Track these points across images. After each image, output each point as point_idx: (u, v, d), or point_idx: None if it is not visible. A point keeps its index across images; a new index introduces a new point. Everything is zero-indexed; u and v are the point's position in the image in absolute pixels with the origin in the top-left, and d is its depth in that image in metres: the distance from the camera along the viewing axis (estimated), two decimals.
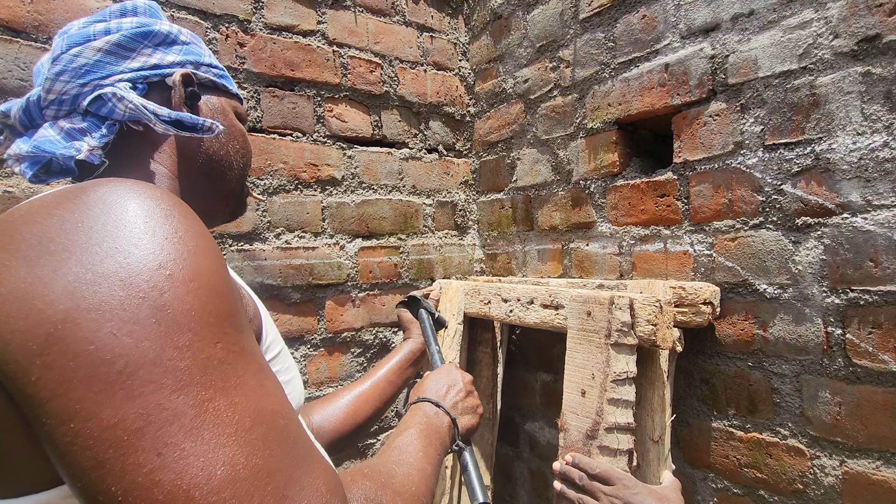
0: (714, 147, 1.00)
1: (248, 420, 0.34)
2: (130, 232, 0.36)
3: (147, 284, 0.34)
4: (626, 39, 1.15)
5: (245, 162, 0.66)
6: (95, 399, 0.31)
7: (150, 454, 0.31)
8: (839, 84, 0.82)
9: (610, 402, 0.90)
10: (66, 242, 0.34)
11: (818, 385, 0.86)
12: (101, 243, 0.35)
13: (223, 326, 0.37)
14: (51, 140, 0.50)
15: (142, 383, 0.32)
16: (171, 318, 0.34)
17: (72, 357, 0.31)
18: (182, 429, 0.32)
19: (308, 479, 0.36)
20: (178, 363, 0.33)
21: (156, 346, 0.33)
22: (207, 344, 0.35)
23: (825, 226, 0.84)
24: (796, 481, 0.89)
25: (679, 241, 1.06)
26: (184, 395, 0.32)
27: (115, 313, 0.32)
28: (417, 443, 0.64)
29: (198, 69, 0.60)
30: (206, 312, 0.36)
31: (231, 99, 0.66)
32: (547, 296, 1.09)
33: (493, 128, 1.54)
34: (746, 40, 0.94)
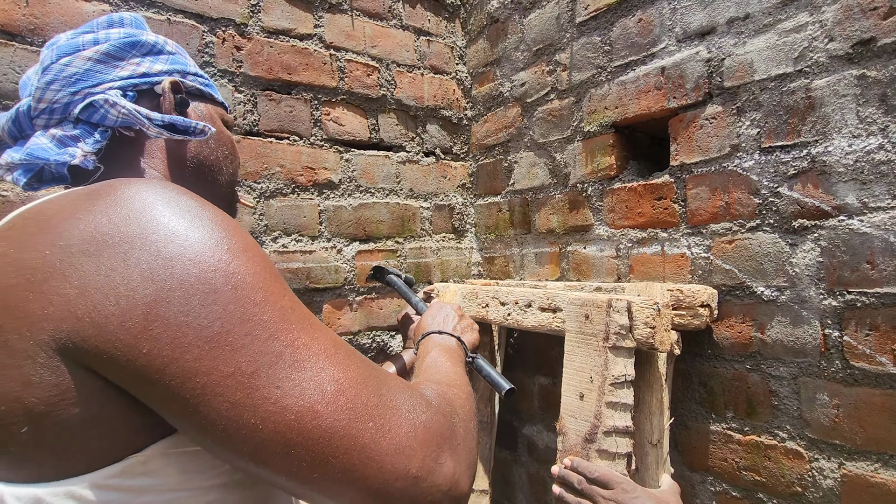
0: (711, 150, 1.00)
1: (331, 346, 0.42)
2: (179, 220, 0.40)
3: (213, 259, 0.39)
4: (623, 43, 1.16)
5: (234, 168, 0.68)
6: (210, 355, 0.36)
7: (271, 388, 0.37)
8: (834, 87, 0.83)
9: (608, 405, 0.90)
10: (123, 235, 0.38)
11: (816, 387, 0.86)
12: (156, 232, 0.39)
13: (281, 283, 0.43)
14: (43, 147, 0.51)
15: (240, 337, 0.38)
16: (243, 281, 0.40)
17: (175, 327, 0.36)
18: (286, 364, 0.38)
19: (389, 379, 0.45)
20: (263, 316, 0.39)
21: (240, 307, 0.39)
22: (278, 296, 0.41)
23: (822, 228, 0.85)
24: (795, 484, 0.89)
25: (676, 243, 1.06)
26: (276, 339, 0.39)
27: (196, 287, 0.37)
28: (442, 358, 0.70)
29: (185, 77, 0.61)
30: (267, 273, 0.42)
31: (217, 106, 0.67)
32: (545, 299, 1.09)
33: (491, 131, 1.54)
34: (742, 44, 0.94)
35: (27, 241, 0.38)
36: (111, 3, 1.02)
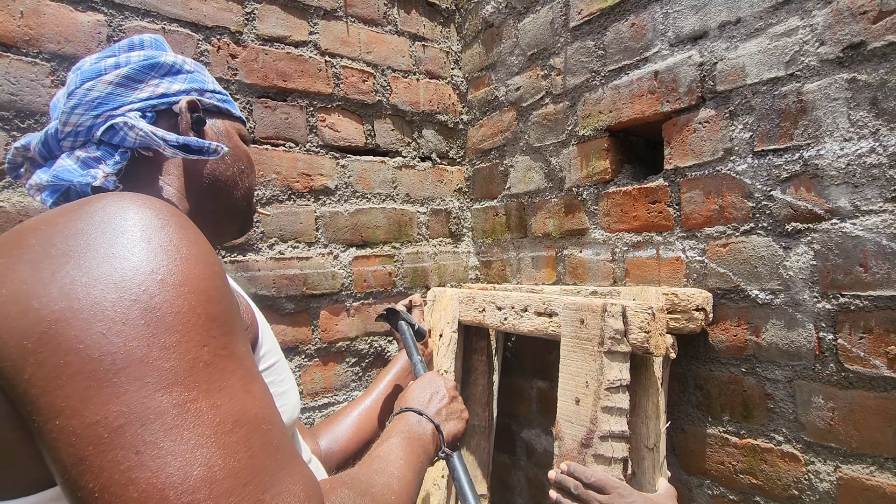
0: (704, 153, 1.00)
1: (230, 423, 0.35)
2: (127, 239, 0.38)
3: (139, 288, 0.36)
4: (616, 47, 1.16)
5: (251, 182, 0.70)
6: (82, 396, 0.32)
7: (129, 452, 0.31)
8: (826, 91, 0.83)
9: (604, 409, 0.90)
10: (67, 247, 0.36)
11: (811, 390, 0.86)
12: (98, 248, 0.36)
13: (211, 330, 0.38)
14: (68, 169, 0.54)
15: (127, 381, 0.33)
16: (160, 319, 0.35)
17: (62, 354, 0.32)
18: (163, 427, 0.32)
19: (287, 484, 0.36)
20: (164, 363, 0.34)
21: (143, 346, 0.34)
22: (194, 346, 0.36)
23: (815, 231, 0.85)
24: (792, 487, 0.89)
25: (671, 247, 1.07)
26: (167, 394, 0.33)
27: (106, 314, 0.34)
28: (399, 451, 0.64)
29: (202, 95, 0.63)
30: (195, 315, 0.37)
31: (235, 122, 0.69)
32: (541, 303, 1.09)
33: (486, 135, 1.55)
34: (734, 48, 0.95)
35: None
36: (105, 13, 1.03)
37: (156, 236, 0.39)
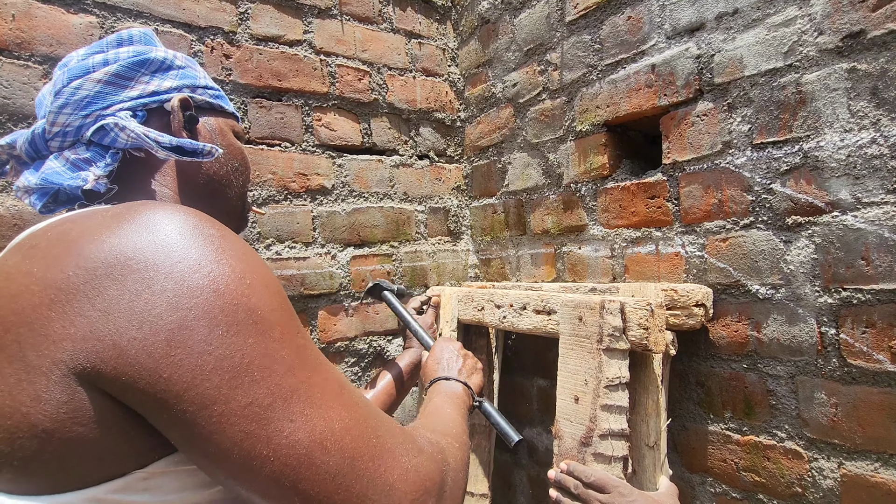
0: (703, 147, 0.99)
1: (339, 386, 0.44)
2: (204, 250, 0.41)
3: (236, 292, 0.40)
4: (613, 41, 1.15)
5: (245, 179, 0.69)
6: (230, 384, 0.37)
7: (285, 422, 0.39)
8: (825, 81, 0.81)
9: (603, 408, 0.89)
10: (148, 261, 0.39)
11: (814, 386, 0.85)
12: (182, 261, 0.39)
13: (296, 320, 0.45)
14: (57, 172, 0.53)
15: (259, 370, 0.39)
16: (263, 317, 0.41)
17: (197, 355, 0.37)
18: (300, 400, 0.40)
19: (386, 422, 0.48)
20: (281, 352, 0.41)
21: (260, 341, 0.40)
22: (293, 335, 0.43)
23: (816, 224, 0.83)
24: (795, 484, 0.87)
25: (671, 242, 1.05)
26: (292, 375, 0.40)
27: (219, 318, 0.38)
28: (446, 405, 0.75)
29: (194, 92, 0.62)
30: (283, 310, 0.43)
31: (228, 118, 0.68)
32: (539, 301, 1.08)
33: (484, 132, 1.54)
34: (731, 39, 0.93)
35: (52, 261, 0.39)
36: (98, 14, 1.03)
37: (223, 244, 0.42)
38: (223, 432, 0.37)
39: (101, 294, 0.37)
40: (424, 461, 0.47)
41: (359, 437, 0.42)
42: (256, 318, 0.40)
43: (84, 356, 0.36)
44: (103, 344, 0.36)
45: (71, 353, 0.36)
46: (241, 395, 0.37)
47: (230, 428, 0.37)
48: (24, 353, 0.36)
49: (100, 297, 0.37)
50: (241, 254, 0.43)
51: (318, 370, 0.43)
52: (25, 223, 0.94)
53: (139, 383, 0.36)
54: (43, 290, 0.38)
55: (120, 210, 0.43)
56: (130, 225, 0.41)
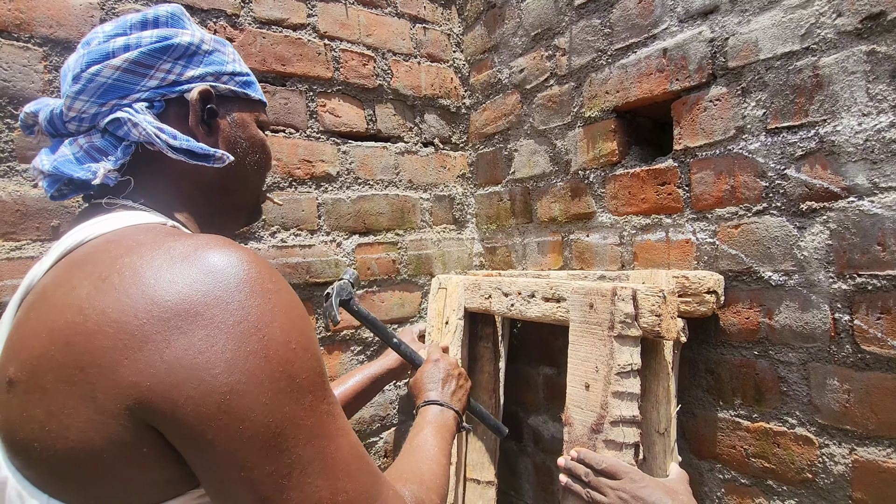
0: (715, 133, 0.98)
1: (349, 455, 0.46)
2: (262, 311, 0.43)
3: (282, 358, 0.42)
4: (623, 25, 1.13)
5: (263, 172, 0.67)
6: (259, 453, 0.40)
7: (296, 491, 0.42)
8: (843, 64, 0.80)
9: (615, 395, 0.89)
10: (213, 318, 0.41)
11: (826, 372, 0.84)
12: (242, 322, 0.41)
13: (326, 383, 0.47)
14: (69, 160, 0.53)
15: (286, 440, 0.42)
16: (299, 385, 0.43)
17: (239, 422, 0.40)
18: (314, 471, 0.43)
19: (384, 488, 0.49)
20: (306, 421, 0.43)
21: (292, 410, 0.42)
22: (321, 401, 0.45)
23: (831, 210, 0.83)
24: (805, 470, 0.87)
25: (681, 229, 1.05)
26: (311, 445, 0.43)
27: (265, 386, 0.41)
28: (433, 440, 0.77)
29: (218, 80, 0.59)
30: (317, 374, 0.45)
31: (255, 107, 0.65)
32: (548, 289, 1.07)
33: (490, 119, 1.52)
34: (746, 22, 0.91)
35: (126, 303, 0.41)
36: None
37: (279, 305, 0.44)
38: (244, 493, 0.41)
39: (169, 347, 0.39)
40: None
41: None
42: (293, 386, 0.43)
43: (146, 405, 0.39)
44: (163, 397, 0.39)
45: (136, 399, 0.39)
46: (268, 463, 0.41)
47: (250, 492, 0.41)
48: (95, 394, 0.39)
49: (168, 350, 0.39)
50: (291, 314, 0.45)
51: (335, 439, 0.45)
52: (28, 209, 0.92)
53: (184, 435, 0.40)
54: (116, 334, 0.40)
55: (185, 250, 0.44)
56: (198, 272, 0.42)
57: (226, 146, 0.61)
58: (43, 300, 0.45)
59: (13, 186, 0.91)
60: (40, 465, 0.41)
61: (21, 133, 0.92)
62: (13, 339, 0.45)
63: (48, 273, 0.48)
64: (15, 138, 0.92)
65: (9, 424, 0.41)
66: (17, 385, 0.41)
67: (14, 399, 0.41)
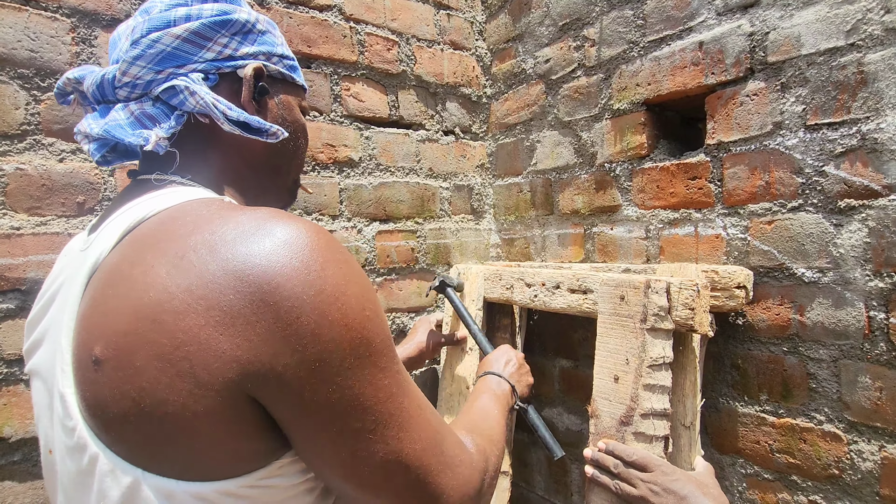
0: (751, 128, 0.97)
1: (419, 408, 0.50)
2: (337, 280, 0.44)
3: (359, 325, 0.44)
4: (658, 16, 1.12)
5: (303, 156, 0.69)
6: (346, 412, 0.44)
7: (381, 444, 0.46)
8: (890, 61, 0.80)
9: (646, 387, 0.89)
10: (295, 292, 0.42)
11: (858, 370, 0.85)
12: (321, 292, 0.43)
13: (392, 345, 0.49)
14: (121, 125, 0.52)
15: (368, 398, 0.45)
16: (375, 349, 0.46)
17: (328, 385, 0.43)
18: (395, 425, 0.47)
19: (447, 433, 0.54)
20: (385, 380, 0.46)
21: (371, 373, 0.45)
22: (392, 361, 0.48)
23: (870, 208, 0.82)
24: (832, 466, 0.88)
25: (711, 224, 1.04)
26: (390, 402, 0.47)
27: (347, 352, 0.43)
28: (491, 404, 0.81)
29: (269, 60, 0.59)
30: (387, 337, 0.48)
31: (297, 91, 0.65)
32: (574, 280, 1.07)
33: (511, 109, 1.50)
34: (789, 16, 0.91)
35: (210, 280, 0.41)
36: None
37: (350, 273, 0.46)
38: (335, 449, 0.44)
39: (260, 320, 0.41)
40: (471, 472, 0.55)
41: (431, 454, 0.49)
42: (371, 350, 0.45)
43: (250, 376, 0.41)
44: (265, 367, 0.41)
45: (238, 372, 0.40)
46: (354, 420, 0.44)
47: (341, 447, 0.44)
48: (193, 369, 0.40)
49: (260, 324, 0.41)
50: (361, 282, 0.47)
51: (407, 394, 0.49)
52: (54, 183, 0.90)
53: (286, 401, 0.42)
54: (207, 311, 0.41)
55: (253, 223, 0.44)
56: (272, 245, 0.43)
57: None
58: (120, 278, 0.45)
59: (39, 160, 0.89)
60: (133, 439, 0.41)
61: (48, 105, 0.90)
62: (92, 316, 0.45)
63: (115, 251, 0.48)
64: (41, 111, 0.90)
65: (99, 401, 0.42)
66: (105, 363, 0.42)
67: (103, 377, 0.42)
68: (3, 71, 0.86)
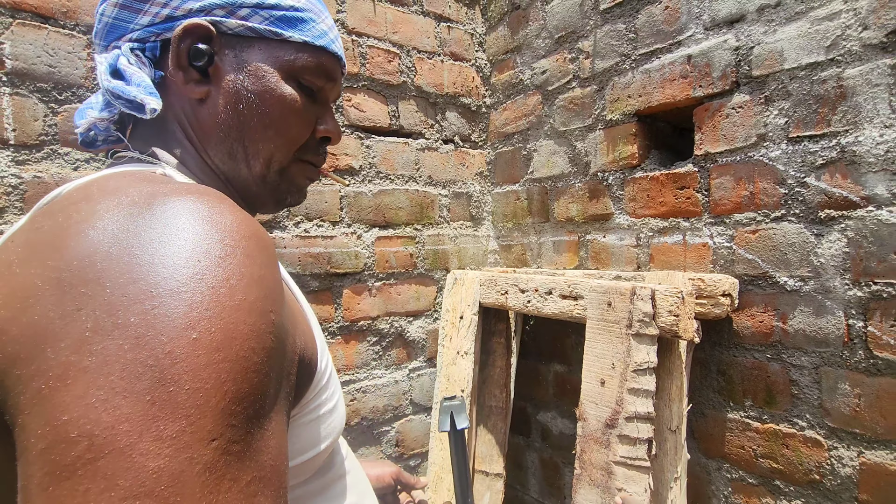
0: (736, 139, 1.00)
1: None
2: (173, 272, 0.30)
3: (162, 348, 0.28)
4: (648, 30, 1.15)
5: (282, 141, 0.52)
6: (41, 482, 0.25)
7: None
8: (867, 76, 0.82)
9: (630, 391, 0.91)
10: (101, 272, 0.29)
11: (838, 377, 0.87)
12: (134, 282, 0.29)
13: (233, 415, 0.29)
14: (86, 108, 0.50)
15: (93, 477, 0.25)
16: (171, 397, 0.27)
17: (43, 424, 0.26)
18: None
19: None
20: (149, 461, 0.25)
21: (134, 431, 0.26)
22: (199, 440, 0.27)
23: (849, 218, 0.85)
24: (813, 472, 0.90)
25: (698, 233, 1.07)
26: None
27: (110, 379, 0.26)
28: None
29: (232, 14, 0.47)
30: (219, 394, 0.28)
31: (291, 51, 0.50)
32: (566, 286, 1.10)
33: (510, 119, 1.54)
34: (772, 32, 0.93)
35: (31, 255, 0.33)
36: None
37: (210, 272, 0.31)
38: None
39: (37, 305, 0.31)
40: None
41: None
42: (158, 397, 0.28)
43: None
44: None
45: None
46: (48, 498, 0.27)
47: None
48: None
49: (34, 310, 0.31)
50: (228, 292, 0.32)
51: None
52: None
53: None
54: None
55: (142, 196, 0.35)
56: (123, 217, 0.33)
57: (226, 99, 0.49)
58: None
59: (55, 168, 0.95)
60: None
61: (65, 116, 0.95)
62: None
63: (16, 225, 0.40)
64: (58, 122, 0.95)
65: None
66: None
67: None
68: (23, 85, 0.92)
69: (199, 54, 0.47)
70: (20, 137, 0.91)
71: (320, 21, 0.52)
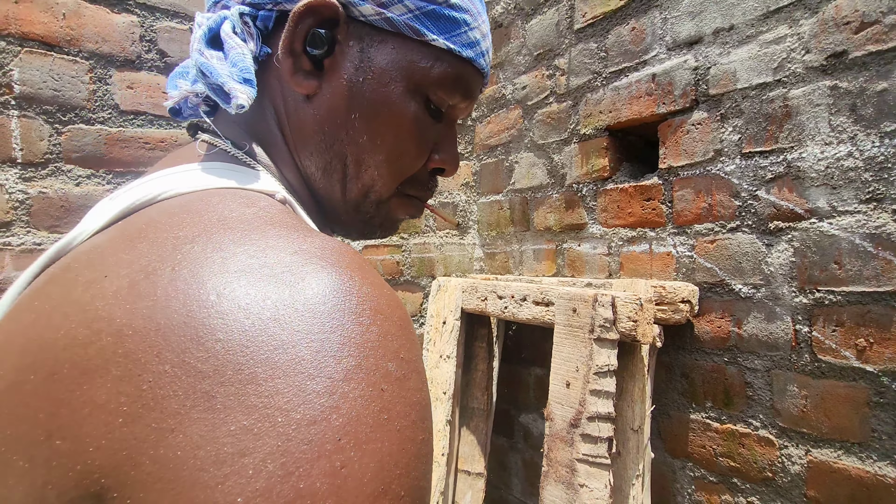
0: (696, 154, 1.05)
1: None
2: (362, 412, 0.23)
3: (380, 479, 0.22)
4: (617, 50, 1.21)
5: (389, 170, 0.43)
6: None
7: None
8: (809, 96, 0.88)
9: (592, 392, 0.97)
10: (264, 397, 0.22)
11: (787, 379, 0.91)
12: (315, 423, 0.22)
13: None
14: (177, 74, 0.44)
15: None
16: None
17: None
18: None
19: None
20: None
21: None
22: None
23: (795, 230, 0.90)
24: (766, 469, 0.94)
25: (663, 242, 1.12)
26: None
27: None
28: None
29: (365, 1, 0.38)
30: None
31: (428, 58, 0.40)
32: (538, 293, 1.16)
33: (493, 132, 1.61)
34: (727, 53, 0.99)
35: (160, 320, 0.24)
36: (139, 14, 1.11)
37: (402, 410, 0.24)
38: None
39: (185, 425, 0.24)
40: None
41: None
42: None
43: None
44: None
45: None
46: None
47: None
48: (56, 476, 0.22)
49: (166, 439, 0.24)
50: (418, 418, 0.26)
51: None
52: (71, 204, 1.03)
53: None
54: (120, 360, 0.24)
55: (287, 259, 0.27)
56: (282, 308, 0.25)
57: (336, 102, 0.40)
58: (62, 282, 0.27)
59: (59, 185, 1.02)
60: None
61: (68, 136, 1.03)
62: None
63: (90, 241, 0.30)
64: (62, 141, 1.03)
65: None
66: None
67: None
68: (30, 107, 1.00)
69: (317, 40, 0.38)
70: (27, 156, 0.99)
71: (475, 26, 0.41)
